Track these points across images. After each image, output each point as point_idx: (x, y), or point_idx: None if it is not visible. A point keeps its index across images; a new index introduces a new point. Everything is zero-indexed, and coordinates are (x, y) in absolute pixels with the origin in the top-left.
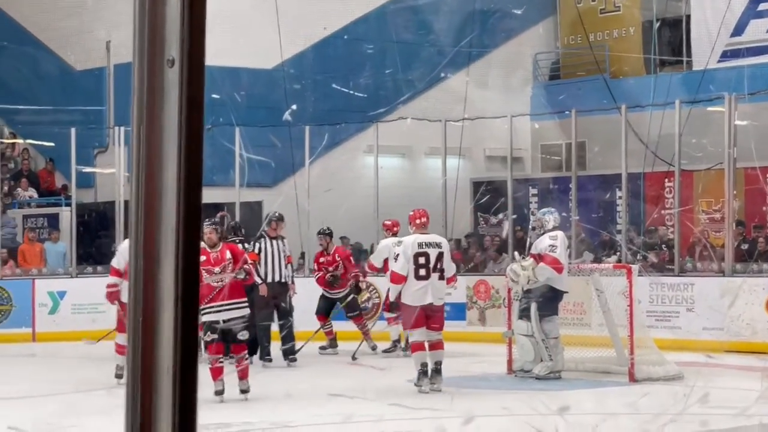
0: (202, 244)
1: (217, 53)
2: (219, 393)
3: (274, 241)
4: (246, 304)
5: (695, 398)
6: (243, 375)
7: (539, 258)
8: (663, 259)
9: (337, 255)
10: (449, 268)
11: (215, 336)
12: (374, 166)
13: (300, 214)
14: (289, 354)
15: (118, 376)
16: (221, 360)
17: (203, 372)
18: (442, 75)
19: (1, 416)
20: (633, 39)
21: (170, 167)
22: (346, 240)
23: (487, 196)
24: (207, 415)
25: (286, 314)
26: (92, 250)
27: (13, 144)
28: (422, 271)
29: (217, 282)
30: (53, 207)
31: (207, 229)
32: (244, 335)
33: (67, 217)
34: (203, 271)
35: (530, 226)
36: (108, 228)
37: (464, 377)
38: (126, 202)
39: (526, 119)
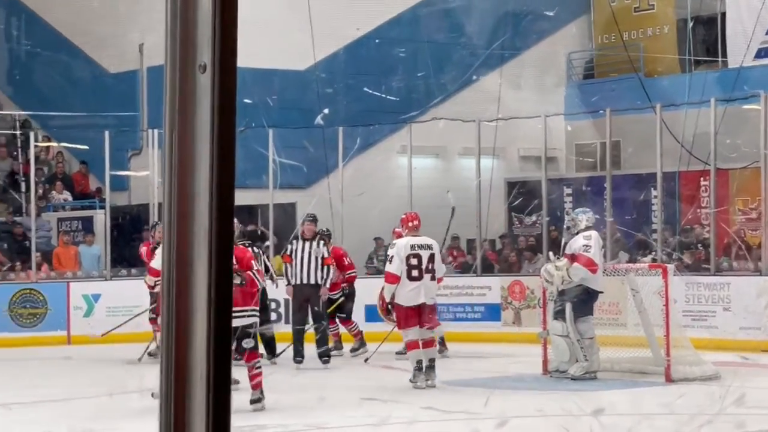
0: None
1: (249, 55)
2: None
3: (308, 243)
4: (253, 312)
5: (732, 399)
6: (255, 385)
7: (573, 258)
8: (699, 258)
9: (332, 257)
10: (440, 269)
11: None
12: (408, 166)
13: (334, 216)
14: (324, 356)
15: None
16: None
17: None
18: (475, 77)
19: (36, 419)
20: (667, 37)
21: (203, 172)
22: (380, 241)
23: (522, 196)
24: (241, 418)
25: (319, 317)
26: (126, 252)
27: (48, 147)
28: (415, 272)
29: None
30: (88, 210)
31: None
32: (248, 343)
33: (101, 219)
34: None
35: (564, 226)
36: (142, 230)
37: (499, 378)
38: (160, 205)
39: (560, 119)
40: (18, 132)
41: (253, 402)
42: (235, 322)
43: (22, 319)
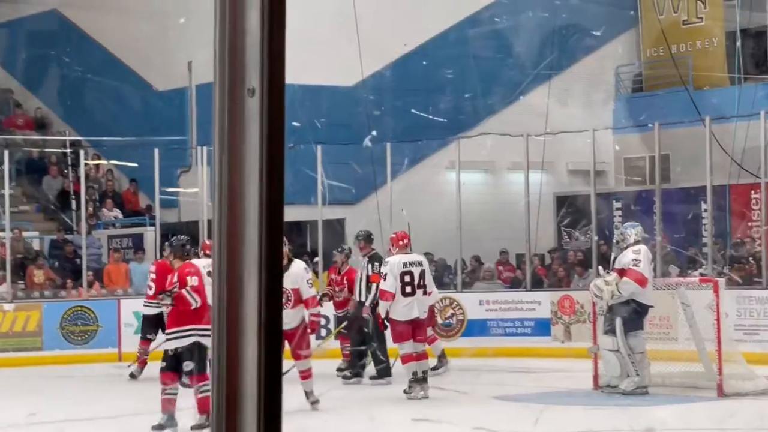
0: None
1: (296, 72)
2: (160, 427)
3: (363, 261)
4: (187, 332)
5: None
6: (201, 409)
7: (623, 273)
8: (750, 272)
9: (345, 278)
10: (430, 283)
11: (164, 364)
12: (456, 182)
13: (383, 232)
14: (376, 376)
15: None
16: (170, 390)
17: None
18: (523, 92)
19: None
20: (716, 50)
21: (252, 195)
22: (429, 256)
23: (570, 211)
24: None
25: (368, 337)
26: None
27: (98, 165)
28: (408, 288)
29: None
30: (138, 227)
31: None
32: (188, 366)
33: (151, 237)
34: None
35: (614, 241)
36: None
37: (550, 393)
38: (210, 222)
39: (609, 133)
40: (68, 150)
41: (194, 428)
42: (171, 344)
43: (74, 336)
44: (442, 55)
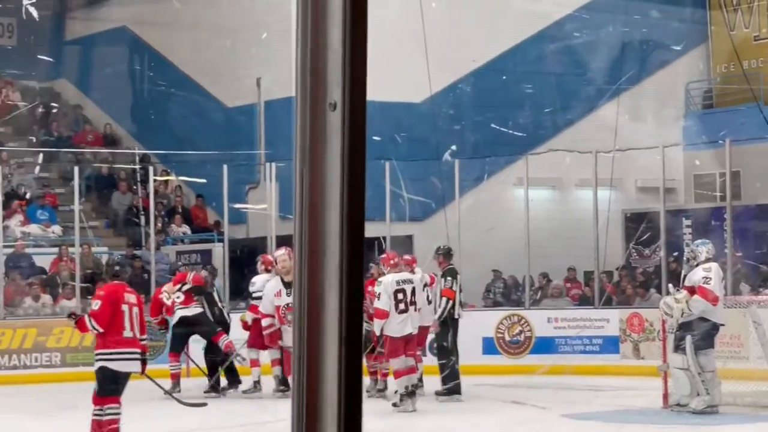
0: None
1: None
2: None
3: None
4: (99, 357)
5: None
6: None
7: (693, 290)
8: None
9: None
10: (419, 300)
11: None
12: (524, 198)
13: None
14: (447, 393)
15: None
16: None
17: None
18: (592, 108)
19: None
20: None
21: (333, 209)
22: (498, 273)
23: (639, 228)
24: None
25: (446, 352)
26: (245, 285)
27: (166, 181)
28: (402, 306)
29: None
30: (206, 243)
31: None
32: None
33: (219, 253)
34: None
35: (684, 258)
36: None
37: (620, 411)
38: (278, 238)
39: (679, 149)
40: (137, 166)
41: None
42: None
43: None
44: (510, 71)
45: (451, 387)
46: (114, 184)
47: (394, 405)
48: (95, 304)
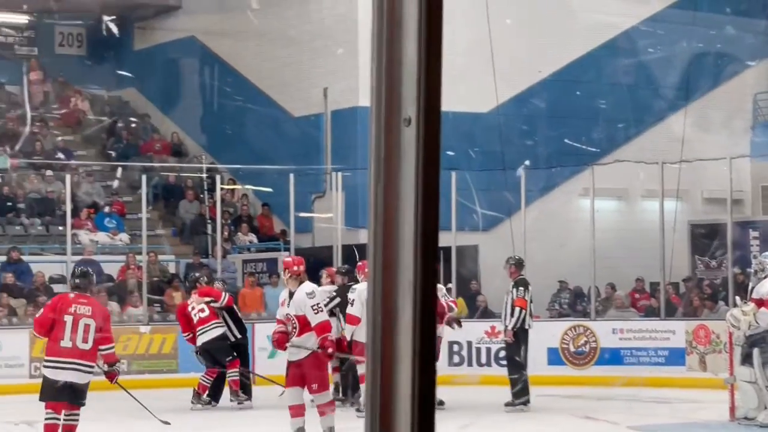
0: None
1: None
2: None
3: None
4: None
5: None
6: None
7: (761, 303)
8: None
9: None
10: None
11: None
12: (590, 209)
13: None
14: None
15: None
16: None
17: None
18: (659, 118)
19: None
20: None
21: (407, 223)
22: (564, 284)
23: (706, 239)
24: None
25: (517, 363)
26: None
27: (233, 190)
28: None
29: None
30: (272, 252)
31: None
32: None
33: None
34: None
35: (751, 270)
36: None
37: (686, 424)
38: (344, 247)
39: (746, 160)
40: (204, 175)
41: None
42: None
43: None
44: (577, 81)
45: (520, 397)
46: (181, 192)
47: (358, 410)
48: (39, 312)
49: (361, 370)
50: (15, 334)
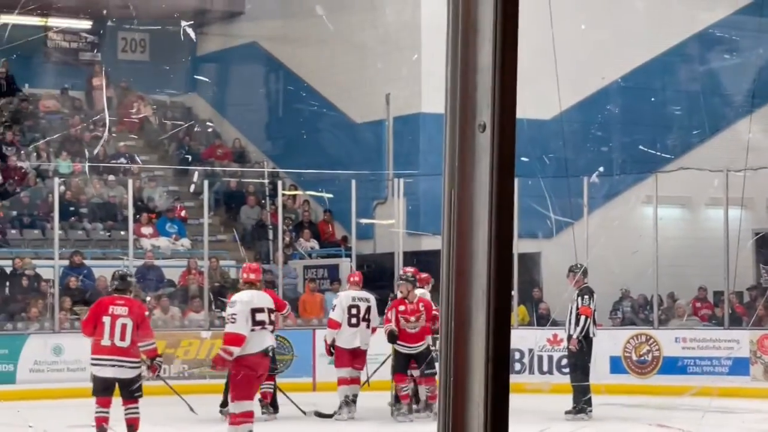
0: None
1: None
2: None
3: (574, 294)
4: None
5: None
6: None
7: None
8: None
9: (421, 304)
10: (374, 319)
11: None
12: (653, 217)
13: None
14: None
15: None
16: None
17: None
18: (724, 125)
19: None
20: None
21: (481, 230)
22: (626, 292)
23: None
24: None
25: (580, 372)
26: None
27: (294, 196)
28: (354, 320)
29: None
30: (333, 258)
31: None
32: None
33: (346, 268)
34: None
35: None
36: (388, 279)
37: None
38: (405, 254)
39: None
40: (266, 181)
41: None
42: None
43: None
44: (640, 88)
45: (582, 406)
46: (243, 198)
47: (334, 412)
48: (84, 315)
49: (339, 374)
50: (77, 339)
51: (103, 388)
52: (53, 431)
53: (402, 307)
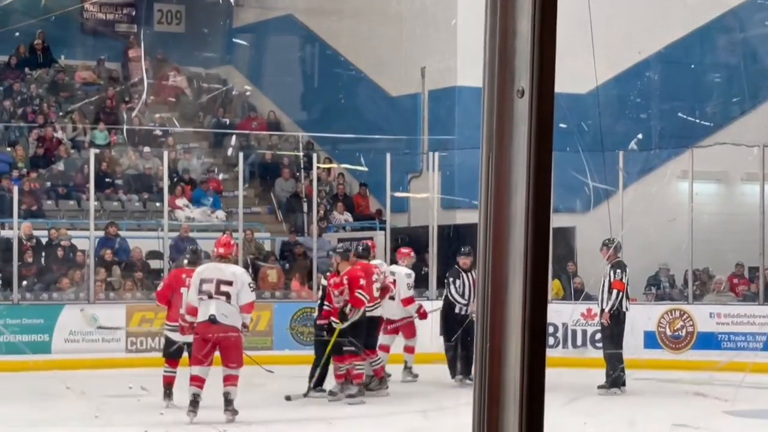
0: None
1: None
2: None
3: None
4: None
5: None
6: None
7: None
8: None
9: (346, 277)
10: (405, 293)
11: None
12: (689, 192)
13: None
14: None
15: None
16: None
17: None
18: (762, 98)
19: None
20: None
21: (519, 195)
22: (664, 267)
23: None
24: None
25: (613, 346)
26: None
27: (329, 169)
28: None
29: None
30: (368, 231)
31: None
32: None
33: (381, 241)
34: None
35: None
36: (421, 252)
37: None
38: (439, 227)
39: None
40: (301, 154)
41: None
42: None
43: (303, 337)
44: (677, 62)
45: (615, 380)
46: (277, 170)
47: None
48: (159, 286)
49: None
50: (112, 309)
51: (175, 351)
52: (90, 398)
53: (333, 281)
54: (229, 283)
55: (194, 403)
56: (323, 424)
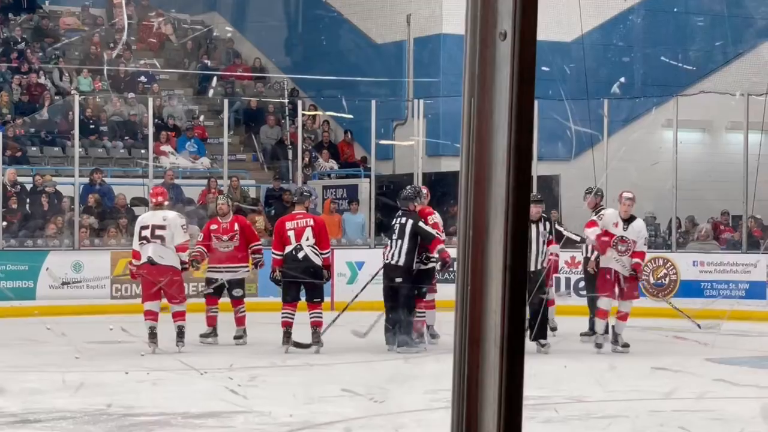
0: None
1: None
2: (207, 335)
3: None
4: (240, 268)
5: None
6: (239, 322)
7: None
8: None
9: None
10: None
11: (211, 290)
12: (673, 140)
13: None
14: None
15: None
16: (215, 310)
17: None
18: (746, 47)
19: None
20: None
21: (500, 140)
22: (650, 216)
23: None
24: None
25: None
26: (389, 221)
27: (314, 116)
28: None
29: (224, 248)
30: (352, 178)
31: (220, 200)
32: (238, 292)
33: (366, 188)
34: (213, 238)
35: None
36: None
37: (765, 357)
38: (424, 175)
39: None
40: (286, 101)
41: (236, 337)
42: (228, 275)
43: None
44: (662, 11)
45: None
46: (262, 117)
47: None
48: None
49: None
50: (97, 255)
51: (217, 290)
52: (74, 343)
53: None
54: (163, 228)
55: (152, 335)
56: (304, 369)
